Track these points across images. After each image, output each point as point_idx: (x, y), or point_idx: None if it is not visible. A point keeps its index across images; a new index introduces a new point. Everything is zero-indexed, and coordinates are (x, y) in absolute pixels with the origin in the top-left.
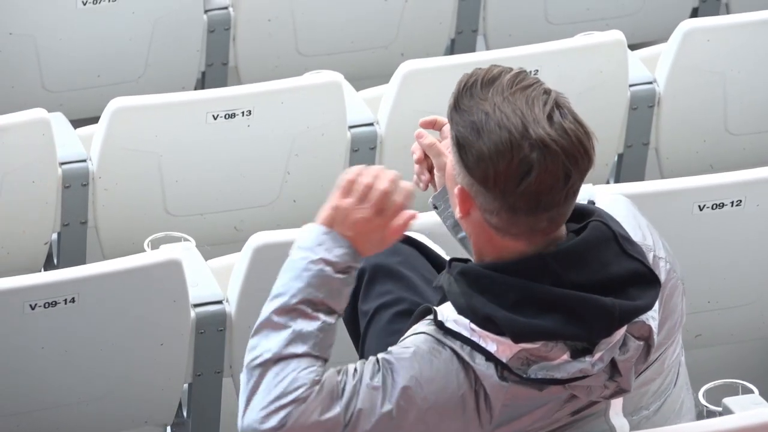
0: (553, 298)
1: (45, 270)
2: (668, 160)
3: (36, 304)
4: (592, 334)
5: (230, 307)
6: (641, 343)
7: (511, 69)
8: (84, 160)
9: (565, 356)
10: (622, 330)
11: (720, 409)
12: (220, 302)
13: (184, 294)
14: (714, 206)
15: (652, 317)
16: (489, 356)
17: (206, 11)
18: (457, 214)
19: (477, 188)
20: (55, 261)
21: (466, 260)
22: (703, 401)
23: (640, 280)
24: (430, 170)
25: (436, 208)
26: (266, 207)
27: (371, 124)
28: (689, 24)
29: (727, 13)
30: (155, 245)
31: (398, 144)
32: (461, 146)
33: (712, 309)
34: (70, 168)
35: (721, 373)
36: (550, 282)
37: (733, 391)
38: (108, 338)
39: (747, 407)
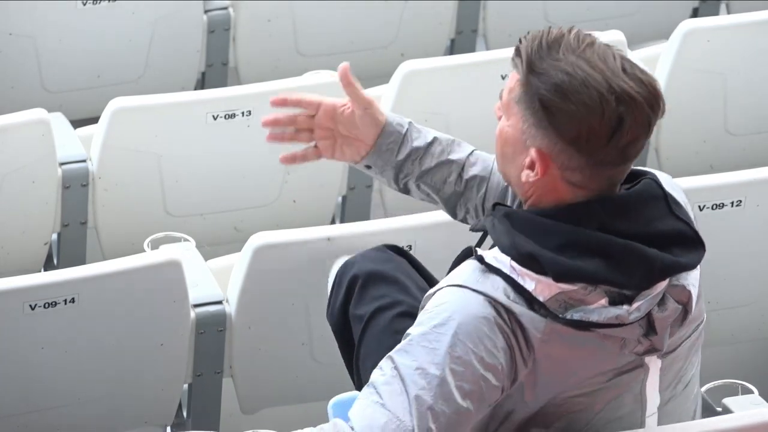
0: (597, 243)
1: (45, 270)
2: (668, 161)
3: (36, 305)
4: (632, 282)
5: (230, 308)
6: (679, 306)
7: (564, 28)
8: (84, 161)
9: (603, 301)
10: (663, 284)
11: (720, 409)
12: (220, 302)
13: (184, 294)
14: (714, 206)
15: (692, 284)
16: (527, 295)
17: (206, 12)
18: (527, 177)
19: (562, 147)
20: (55, 261)
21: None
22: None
23: (684, 241)
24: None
25: (369, 167)
26: (266, 207)
27: None
28: (689, 24)
29: (727, 13)
30: (155, 245)
31: None
32: (547, 109)
33: (712, 309)
34: (70, 168)
35: (721, 373)
36: (596, 229)
37: (733, 391)
38: (108, 338)
39: (747, 407)
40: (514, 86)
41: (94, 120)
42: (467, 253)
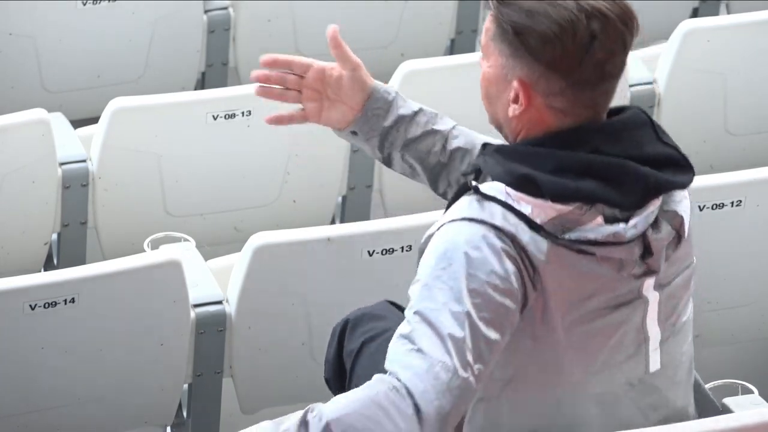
0: (591, 164)
1: (45, 270)
2: None
3: (36, 305)
4: (628, 199)
5: (230, 308)
6: (673, 231)
7: None
8: (84, 161)
9: (599, 220)
10: (656, 204)
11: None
12: (220, 302)
13: (184, 294)
14: (714, 206)
15: (684, 211)
16: (524, 218)
17: (206, 11)
18: (514, 111)
19: (541, 72)
20: (55, 261)
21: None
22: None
23: (674, 164)
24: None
25: (354, 134)
26: (266, 207)
27: None
28: (689, 24)
29: (727, 13)
30: (155, 245)
31: None
32: (520, 34)
33: (712, 309)
34: (70, 168)
35: (721, 373)
36: (589, 152)
37: (733, 391)
38: (108, 338)
39: (747, 407)
40: (488, 25)
41: (94, 120)
42: (463, 189)
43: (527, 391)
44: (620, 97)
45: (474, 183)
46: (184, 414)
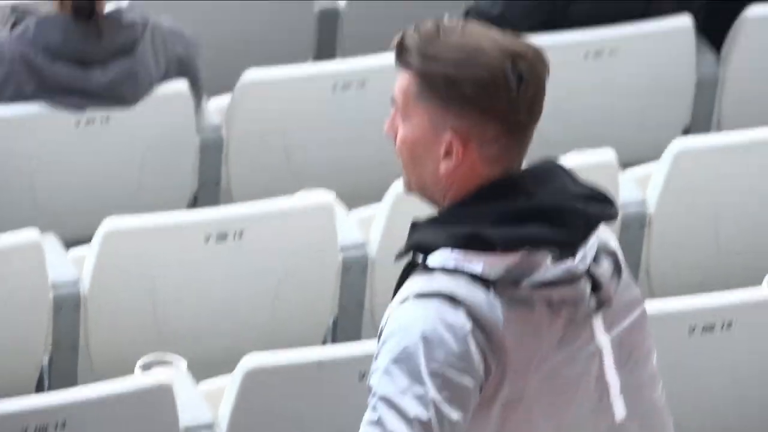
0: (530, 209)
1: (37, 392)
2: (659, 281)
3: (27, 428)
4: (571, 235)
5: None
6: (611, 263)
7: (435, 20)
8: (76, 282)
9: (548, 261)
10: (596, 236)
11: None
12: (210, 427)
13: (174, 419)
14: (704, 328)
15: (615, 246)
16: (477, 278)
17: (199, 132)
18: (446, 167)
19: (476, 120)
20: (47, 383)
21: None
22: None
23: (597, 198)
24: None
25: None
26: (257, 328)
27: (363, 246)
28: (680, 144)
29: (719, 129)
30: (147, 367)
31: (390, 265)
32: (453, 83)
33: (699, 430)
34: (61, 290)
35: None
36: (523, 199)
37: None
38: None
39: None
40: (408, 84)
41: (88, 239)
42: (409, 269)
43: None
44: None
45: (420, 258)
46: None
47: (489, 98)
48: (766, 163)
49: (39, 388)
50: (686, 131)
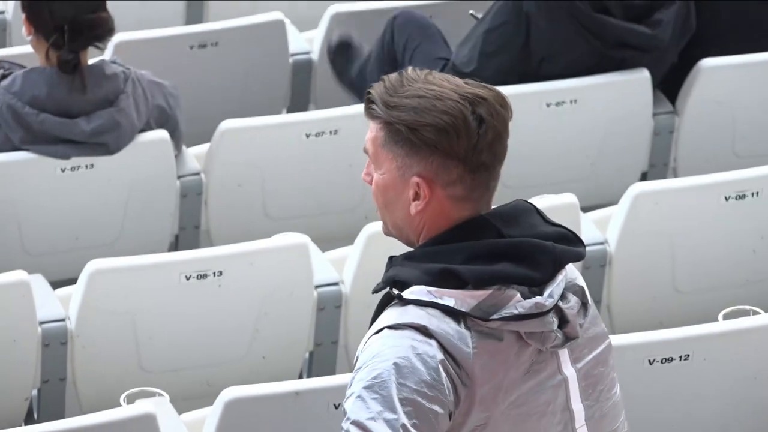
0: (500, 248)
1: (26, 424)
2: (620, 317)
3: None
4: (541, 271)
5: None
6: (578, 299)
7: (403, 70)
8: (63, 320)
9: (518, 296)
10: (563, 273)
11: None
12: None
13: None
14: (663, 360)
15: (582, 283)
16: (450, 311)
17: (179, 177)
18: (415, 207)
19: (439, 163)
20: (36, 416)
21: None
22: None
23: (566, 238)
24: None
25: None
26: (237, 363)
27: (336, 284)
28: (638, 188)
29: (675, 176)
30: (131, 400)
31: (363, 302)
32: (415, 130)
33: None
34: (49, 327)
35: None
36: (493, 237)
37: None
38: None
39: None
40: (376, 134)
41: (73, 281)
42: (385, 302)
43: None
44: None
45: (396, 292)
46: None
47: (450, 142)
48: (719, 206)
49: (28, 419)
50: (644, 176)
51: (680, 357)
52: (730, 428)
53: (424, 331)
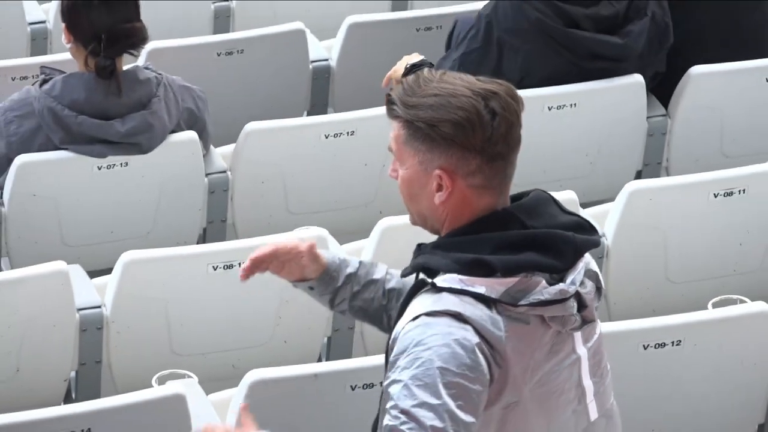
0: (525, 238)
1: (65, 404)
2: (616, 306)
3: None
4: (564, 261)
5: None
6: (593, 283)
7: (419, 72)
8: (99, 306)
9: (544, 283)
10: (583, 261)
11: None
12: None
13: (187, 425)
14: (656, 345)
15: (595, 268)
16: (481, 297)
17: (207, 174)
18: (440, 198)
19: (459, 155)
20: (74, 396)
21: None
22: None
23: (583, 227)
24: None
25: (311, 288)
26: (260, 347)
27: None
28: (633, 185)
29: (667, 174)
30: (162, 381)
31: None
32: (433, 127)
33: None
34: (86, 314)
35: None
36: (518, 229)
37: None
38: None
39: None
40: (398, 132)
41: (108, 270)
42: (418, 287)
43: None
44: None
45: (429, 279)
46: None
47: (466, 135)
48: (708, 203)
49: (67, 399)
50: (639, 174)
51: (672, 342)
52: (718, 408)
53: (459, 317)
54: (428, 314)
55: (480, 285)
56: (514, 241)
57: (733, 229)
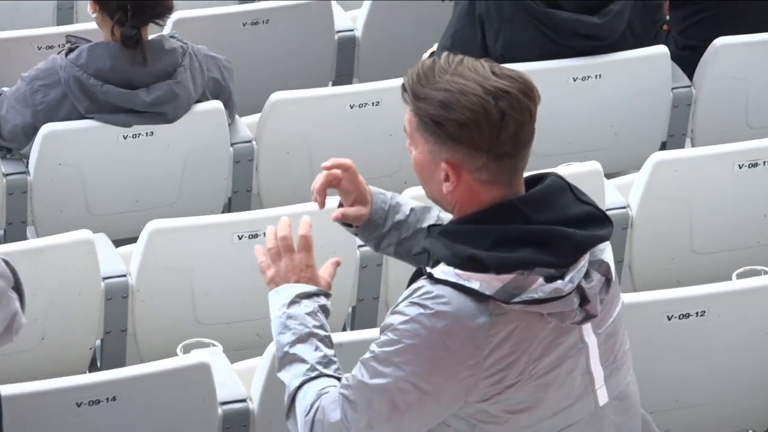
0: (525, 234)
1: (90, 372)
2: (640, 276)
3: (81, 402)
4: (561, 259)
5: (253, 405)
6: (602, 277)
7: (437, 57)
8: (124, 275)
9: (540, 281)
10: (585, 258)
11: None
12: (244, 401)
13: (212, 393)
14: (681, 316)
15: (608, 259)
16: (474, 293)
17: (232, 144)
18: (447, 188)
19: (464, 153)
20: (99, 364)
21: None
22: None
23: (595, 219)
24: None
25: (356, 233)
26: None
27: None
28: (658, 156)
29: (692, 145)
30: (187, 350)
31: (402, 263)
32: (439, 124)
33: (679, 407)
34: (111, 282)
35: None
36: (521, 223)
37: None
38: None
39: None
40: (410, 117)
41: (134, 240)
42: (418, 274)
43: None
44: None
45: (428, 270)
46: None
47: (472, 136)
48: (733, 174)
49: (92, 367)
50: (663, 145)
51: (696, 313)
52: (741, 378)
53: (449, 315)
54: (421, 305)
55: (475, 280)
56: (514, 237)
57: (758, 200)
